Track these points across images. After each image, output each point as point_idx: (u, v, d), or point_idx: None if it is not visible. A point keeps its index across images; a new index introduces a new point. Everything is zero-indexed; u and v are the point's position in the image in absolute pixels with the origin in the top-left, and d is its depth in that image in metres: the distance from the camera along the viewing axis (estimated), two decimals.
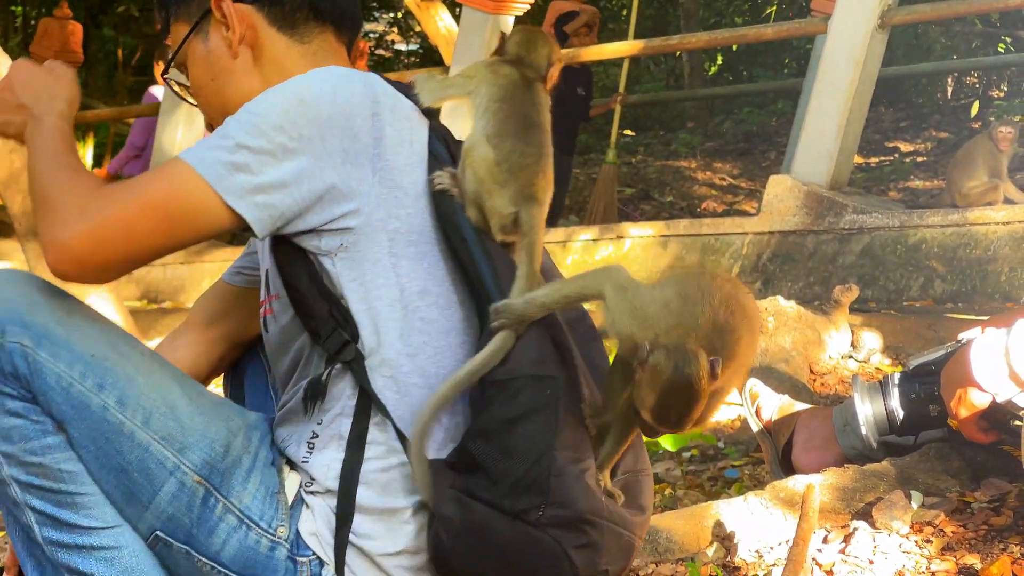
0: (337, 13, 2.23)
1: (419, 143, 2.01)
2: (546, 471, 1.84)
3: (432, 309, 1.97)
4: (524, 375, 1.87)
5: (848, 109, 6.84)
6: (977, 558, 2.56)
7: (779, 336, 4.44)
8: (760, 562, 2.75)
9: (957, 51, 14.62)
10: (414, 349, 1.96)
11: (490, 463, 1.86)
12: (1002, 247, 6.10)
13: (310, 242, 1.97)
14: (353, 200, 1.93)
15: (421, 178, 1.99)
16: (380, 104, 1.96)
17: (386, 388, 1.96)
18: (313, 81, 1.96)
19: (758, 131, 15.03)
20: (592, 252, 7.67)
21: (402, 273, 1.96)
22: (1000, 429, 2.91)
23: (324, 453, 1.99)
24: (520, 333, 1.89)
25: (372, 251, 1.95)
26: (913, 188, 10.90)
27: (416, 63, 19.10)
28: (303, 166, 1.90)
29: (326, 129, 1.91)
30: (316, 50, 2.20)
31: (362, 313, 1.96)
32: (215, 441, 2.00)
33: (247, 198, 1.90)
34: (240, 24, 2.16)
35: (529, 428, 1.85)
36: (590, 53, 8.94)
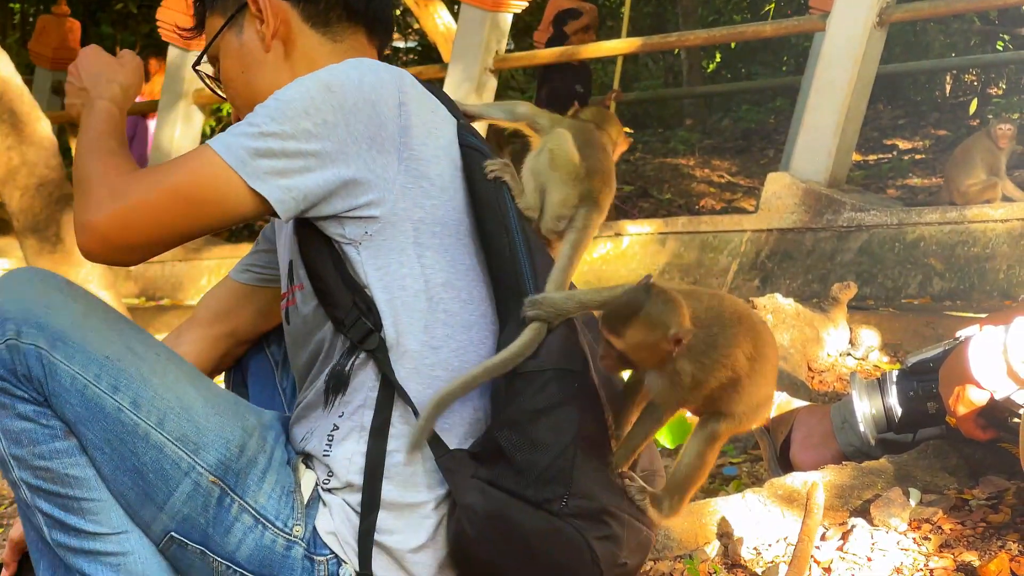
0: (371, 15, 2.25)
1: (446, 137, 2.02)
2: (570, 462, 1.86)
3: (455, 302, 1.98)
4: (552, 368, 1.89)
5: (846, 107, 6.84)
6: (975, 555, 2.56)
7: (777, 334, 4.44)
8: (759, 559, 2.75)
9: (955, 49, 14.63)
10: (438, 342, 1.97)
11: (516, 453, 1.87)
12: (1000, 245, 6.11)
13: (334, 230, 1.98)
14: (378, 188, 1.94)
15: (448, 171, 2.00)
16: (407, 95, 1.98)
17: (409, 379, 1.96)
18: (340, 69, 1.98)
19: (756, 129, 15.04)
20: (590, 249, 7.67)
21: (427, 264, 1.97)
22: (998, 426, 2.91)
23: (345, 445, 2.00)
24: (552, 327, 1.91)
25: (397, 240, 1.96)
26: (911, 186, 10.90)
27: (414, 60, 19.09)
28: (327, 150, 1.92)
29: (351, 116, 1.93)
30: (347, 49, 2.21)
31: (385, 303, 1.96)
32: (230, 441, 2.01)
33: (270, 181, 1.92)
34: (274, 18, 2.18)
35: (555, 420, 1.87)
36: (589, 51, 8.94)
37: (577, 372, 1.92)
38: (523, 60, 10.23)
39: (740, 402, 1.95)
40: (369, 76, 1.97)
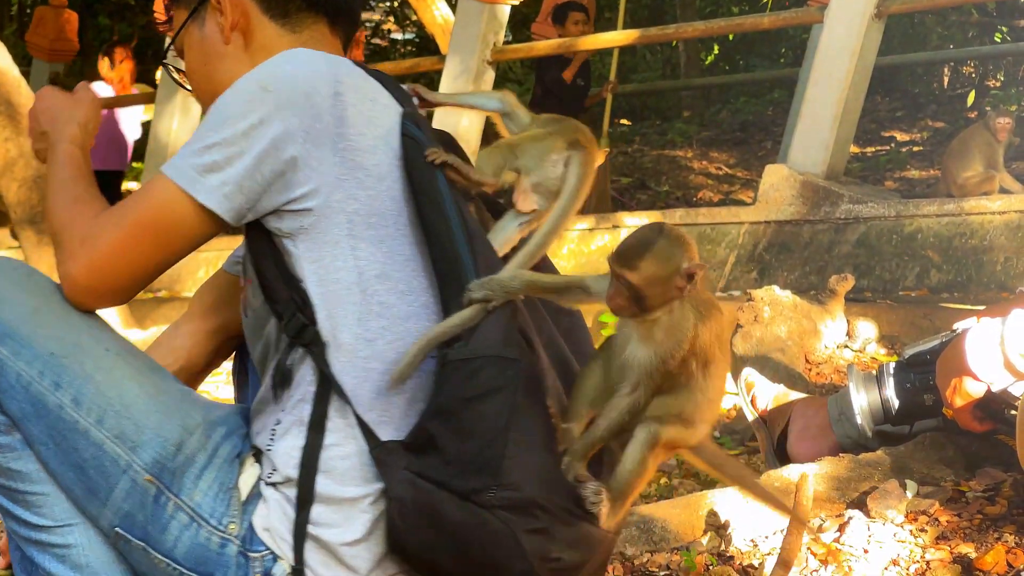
0: (333, 5, 2.22)
1: (385, 127, 1.99)
2: (499, 452, 1.82)
3: (391, 294, 1.95)
4: (485, 355, 1.85)
5: (844, 99, 6.84)
6: (972, 547, 2.56)
7: (775, 326, 4.44)
8: (755, 551, 2.76)
9: (953, 40, 14.62)
10: (373, 334, 1.94)
11: (445, 442, 1.84)
12: (998, 237, 6.11)
13: (273, 223, 1.97)
14: (312, 180, 1.92)
15: (386, 160, 1.97)
16: (343, 84, 1.96)
17: (344, 372, 1.93)
18: (275, 65, 1.97)
19: (754, 120, 15.03)
20: (588, 241, 7.67)
21: (361, 256, 1.94)
22: (995, 418, 2.91)
23: (286, 440, 1.97)
24: (490, 310, 1.87)
25: (331, 233, 1.94)
26: (909, 178, 10.91)
27: (412, 52, 19.08)
28: (264, 148, 1.91)
29: (287, 110, 1.91)
30: (307, 40, 2.19)
31: (318, 296, 1.94)
32: (167, 440, 2.00)
33: (215, 193, 1.92)
34: (233, 10, 2.16)
35: (485, 408, 1.83)
36: (586, 43, 8.93)
37: (512, 360, 1.86)
38: (521, 52, 10.22)
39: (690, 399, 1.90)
40: (303, 69, 1.96)
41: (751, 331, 4.43)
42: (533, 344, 1.93)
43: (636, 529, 2.83)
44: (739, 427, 4.49)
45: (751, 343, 4.38)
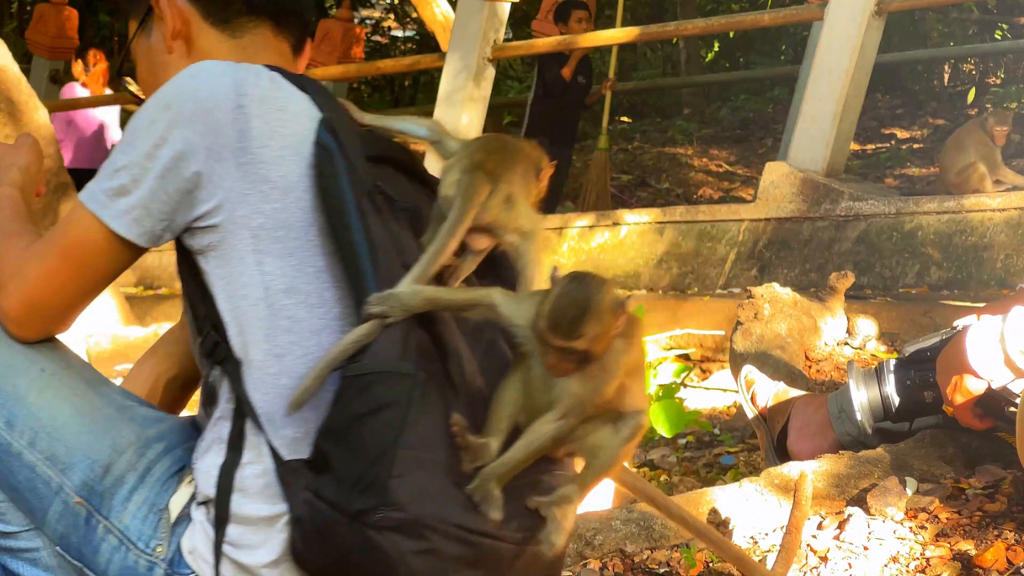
0: (277, 8, 2.18)
1: (296, 136, 1.94)
2: (387, 471, 1.75)
3: (300, 308, 1.90)
4: (376, 371, 1.79)
5: (844, 96, 6.83)
6: (971, 544, 2.56)
7: (775, 323, 4.44)
8: (755, 548, 2.76)
9: (954, 38, 14.62)
10: (281, 350, 1.90)
11: (336, 461, 1.79)
12: (998, 234, 6.11)
13: (187, 241, 1.95)
14: (216, 196, 1.90)
15: (295, 170, 1.92)
16: (246, 96, 1.92)
17: (256, 389, 1.90)
18: (178, 81, 1.95)
19: (754, 118, 15.04)
20: (588, 239, 7.67)
21: (267, 271, 1.90)
22: (995, 416, 2.91)
23: (207, 458, 1.94)
24: (387, 325, 1.81)
25: (237, 249, 1.91)
26: (909, 175, 10.91)
27: (412, 50, 19.09)
28: (166, 166, 1.90)
29: (187, 127, 1.89)
30: (247, 45, 2.16)
31: (228, 313, 1.92)
32: (96, 462, 1.99)
33: (125, 217, 1.92)
34: (173, 18, 2.14)
35: (375, 425, 1.77)
36: (587, 40, 8.93)
37: (407, 375, 1.79)
38: (521, 49, 10.22)
39: (637, 394, 1.86)
40: (204, 83, 1.93)
41: (751, 328, 4.43)
42: (440, 357, 1.86)
43: (636, 526, 2.83)
44: (739, 424, 4.49)
45: (751, 340, 4.38)
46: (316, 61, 10.70)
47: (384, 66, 11.91)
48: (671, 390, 4.45)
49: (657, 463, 4.28)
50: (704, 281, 7.01)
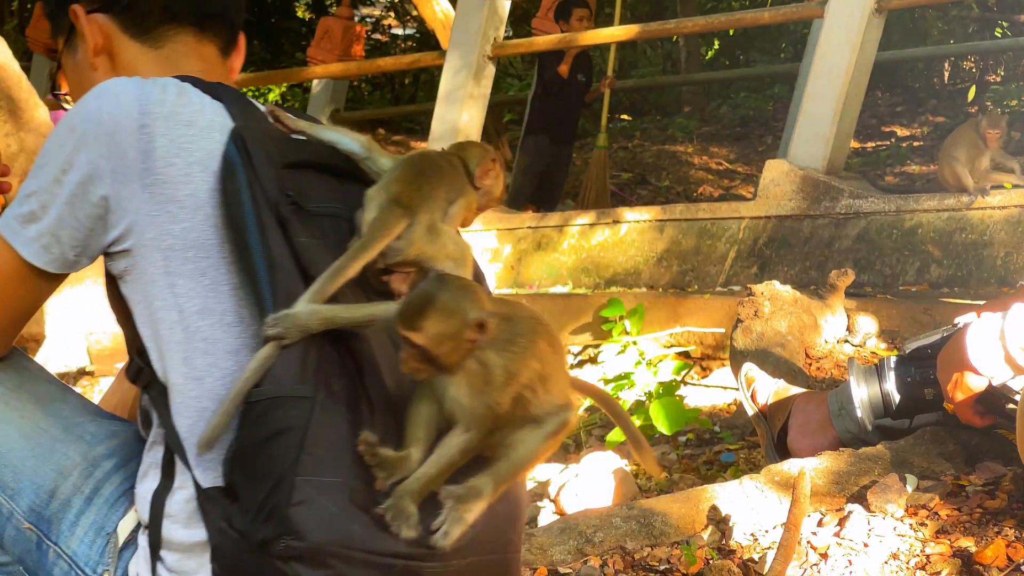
0: (196, 13, 2.14)
1: (204, 150, 1.90)
2: (285, 499, 1.70)
3: (216, 328, 1.86)
4: (270, 396, 1.75)
5: (844, 94, 6.83)
6: (972, 541, 2.57)
7: (775, 320, 4.44)
8: (755, 545, 2.76)
9: (954, 36, 14.61)
10: (200, 372, 1.86)
11: (240, 490, 1.76)
12: (998, 231, 6.11)
13: (108, 265, 1.93)
14: (125, 220, 1.87)
15: (203, 187, 1.88)
16: (150, 114, 1.88)
17: (179, 414, 1.87)
18: (84, 103, 1.91)
19: (755, 116, 15.03)
20: (589, 237, 7.67)
21: (180, 293, 1.86)
22: (995, 413, 2.91)
23: (144, 483, 1.92)
24: (284, 346, 1.77)
25: (149, 272, 1.87)
26: (909, 173, 10.91)
27: (413, 48, 19.07)
28: (73, 192, 1.87)
29: (93, 151, 1.87)
30: (169, 54, 2.13)
31: (148, 337, 1.89)
32: (40, 487, 1.98)
33: (34, 244, 1.89)
34: (93, 35, 2.11)
35: (271, 452, 1.73)
36: (587, 38, 8.93)
37: (300, 398, 1.75)
38: (521, 47, 10.22)
39: (553, 395, 1.81)
40: (107, 105, 1.88)
41: (751, 326, 4.43)
42: (356, 372, 1.82)
43: (636, 523, 2.83)
44: (739, 422, 4.49)
45: (751, 338, 4.38)
46: (316, 59, 10.68)
47: (384, 64, 11.89)
48: (671, 388, 4.46)
49: (658, 460, 4.29)
50: (704, 279, 7.01)
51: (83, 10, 2.11)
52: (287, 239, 1.85)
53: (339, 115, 11.12)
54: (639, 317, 5.96)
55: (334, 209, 1.94)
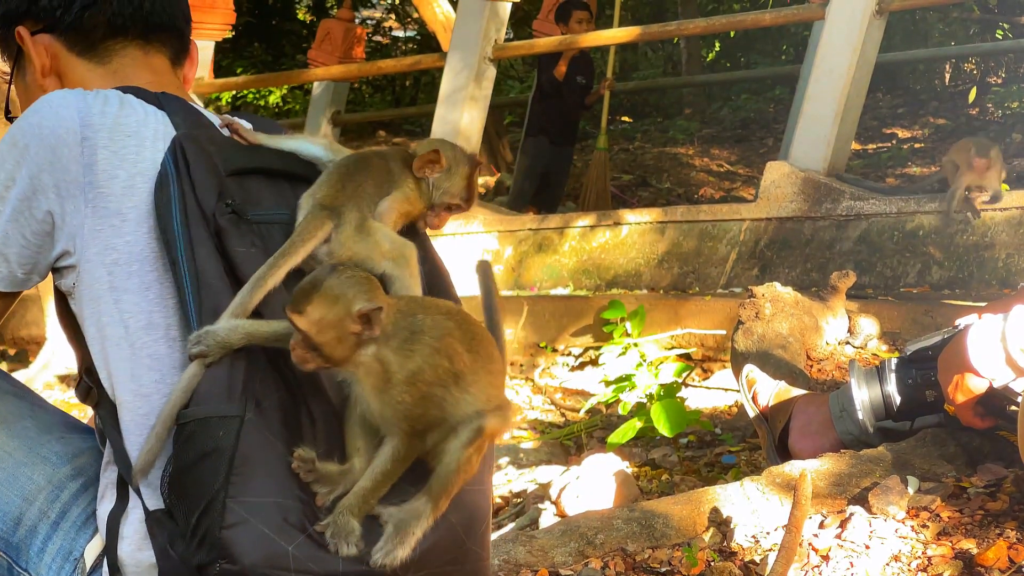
0: (141, 25, 2.12)
1: (147, 160, 1.87)
2: (217, 522, 1.68)
3: (161, 344, 1.84)
4: (196, 418, 1.73)
5: (845, 95, 6.83)
6: (973, 543, 2.56)
7: (776, 322, 4.44)
8: (756, 547, 2.76)
9: (955, 37, 14.61)
10: (147, 389, 1.83)
11: (175, 513, 1.74)
12: (999, 233, 6.11)
13: (58, 282, 1.91)
14: (68, 235, 1.85)
15: (146, 199, 1.86)
16: (92, 126, 1.86)
17: (130, 432, 1.84)
18: (24, 117, 1.89)
19: (755, 117, 15.04)
20: (590, 238, 7.67)
21: (124, 308, 1.84)
22: (996, 415, 2.91)
23: (103, 504, 1.90)
24: (209, 364, 1.75)
25: (94, 288, 1.85)
26: (910, 174, 10.91)
27: (414, 50, 19.07)
28: (17, 208, 1.85)
29: (35, 166, 1.84)
30: (116, 69, 2.11)
31: (97, 355, 1.87)
32: (6, 514, 1.96)
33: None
34: (39, 56, 2.09)
35: (198, 475, 1.70)
36: (588, 40, 8.93)
37: (226, 417, 1.71)
38: (522, 49, 10.22)
39: (470, 397, 1.77)
40: (48, 119, 1.86)
41: (752, 328, 4.43)
42: (294, 384, 1.80)
43: (637, 525, 2.83)
44: (740, 423, 4.49)
45: (752, 340, 4.38)
46: (317, 61, 10.70)
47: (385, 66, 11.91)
48: (672, 389, 4.45)
49: (659, 462, 4.28)
50: (705, 281, 7.01)
51: (27, 32, 2.09)
52: (223, 251, 1.82)
53: (340, 117, 11.13)
54: (640, 319, 5.96)
55: (280, 215, 1.91)
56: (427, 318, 1.77)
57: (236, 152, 1.94)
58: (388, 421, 1.75)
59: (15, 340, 8.39)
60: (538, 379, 6.20)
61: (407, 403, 1.73)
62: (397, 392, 1.73)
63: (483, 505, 1.93)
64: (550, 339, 6.63)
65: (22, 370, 7.33)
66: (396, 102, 18.68)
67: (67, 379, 7.08)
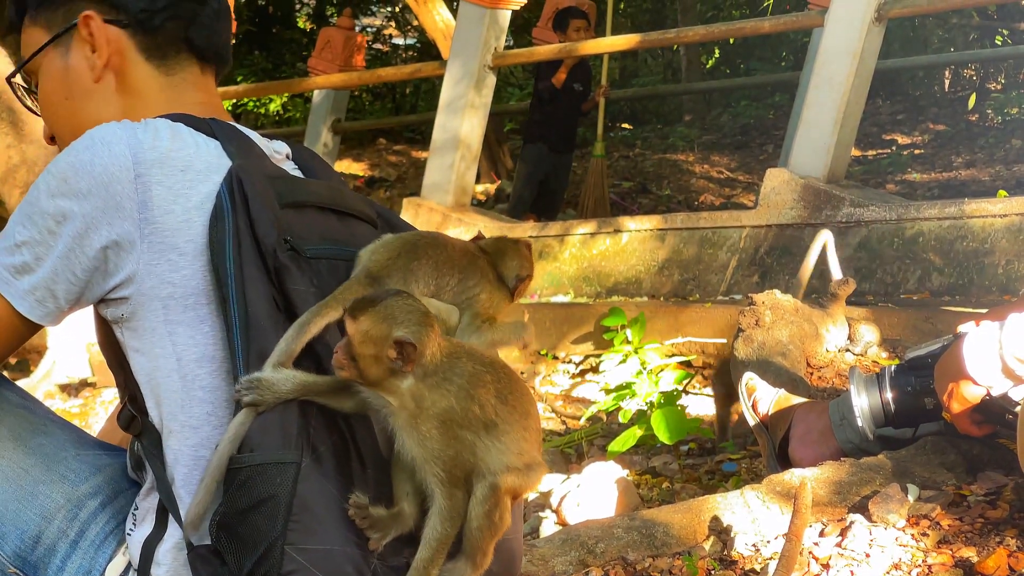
0: (212, 51, 2.14)
1: (202, 194, 1.86)
2: (275, 568, 1.69)
3: (214, 377, 1.83)
4: (251, 464, 1.73)
5: (845, 102, 6.84)
6: (973, 551, 2.56)
7: (776, 330, 4.44)
8: (757, 556, 2.76)
9: (954, 44, 14.63)
10: (197, 421, 1.83)
11: (227, 555, 1.74)
12: (999, 240, 6.11)
13: (102, 311, 1.90)
14: (124, 270, 1.84)
15: (204, 232, 1.85)
16: (144, 163, 1.84)
17: (177, 463, 1.84)
18: (75, 152, 1.86)
19: (755, 124, 15.05)
20: (590, 246, 7.68)
21: (178, 342, 1.84)
22: (995, 422, 2.91)
23: (141, 528, 1.90)
24: (261, 411, 1.75)
25: (148, 320, 1.84)
26: (910, 181, 10.91)
27: (414, 58, 19.09)
28: (70, 247, 1.84)
29: (87, 203, 1.83)
30: (178, 83, 2.10)
31: (145, 385, 1.87)
32: (24, 532, 1.96)
33: (28, 298, 1.85)
34: (107, 48, 2.06)
35: (256, 521, 1.71)
36: (587, 48, 8.95)
37: (285, 464, 1.72)
38: (522, 57, 10.24)
39: (506, 451, 1.78)
40: (101, 156, 1.84)
41: (752, 335, 4.43)
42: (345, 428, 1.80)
43: (638, 534, 2.83)
44: (741, 431, 4.49)
45: (752, 347, 4.38)
46: (317, 69, 10.70)
47: (385, 74, 11.91)
48: (673, 397, 4.45)
49: (659, 470, 4.28)
50: (705, 288, 7.02)
51: (100, 19, 2.06)
52: (282, 289, 1.82)
53: (340, 125, 11.14)
54: (640, 326, 5.96)
55: (331, 251, 1.92)
56: (469, 364, 1.79)
57: (289, 185, 1.94)
58: (422, 462, 1.76)
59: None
60: (539, 387, 6.20)
61: (436, 440, 1.75)
62: (426, 428, 1.75)
63: (518, 551, 1.97)
64: (551, 346, 6.63)
65: (23, 379, 7.34)
66: (396, 110, 18.70)
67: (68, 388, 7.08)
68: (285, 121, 17.51)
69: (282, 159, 2.07)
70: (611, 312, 6.15)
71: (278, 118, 17.68)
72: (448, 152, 8.77)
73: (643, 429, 4.25)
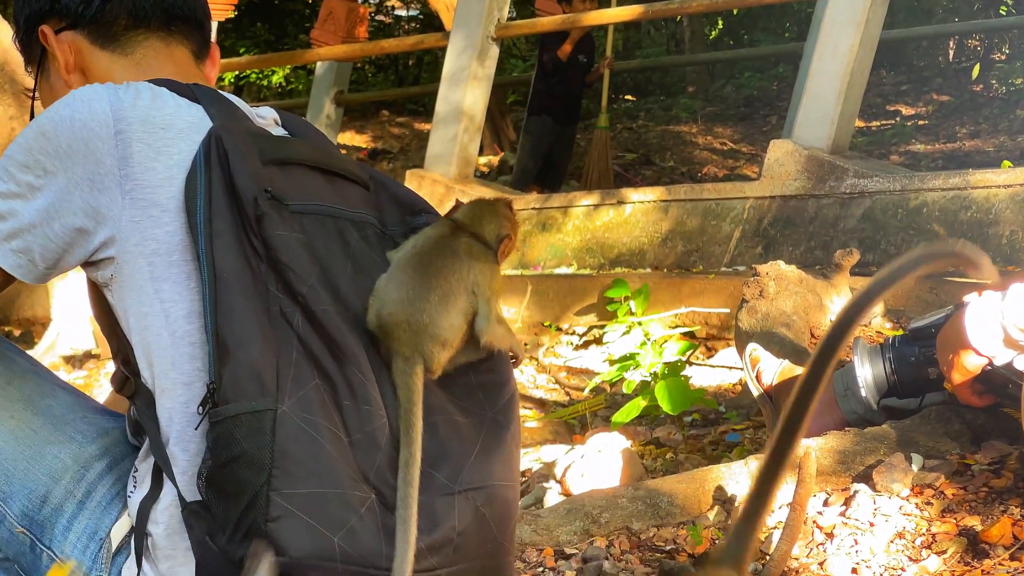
0: (162, 15, 2.12)
1: (183, 152, 1.86)
2: (262, 516, 1.68)
3: (202, 331, 1.81)
4: (226, 416, 1.71)
5: (849, 73, 6.82)
6: (977, 520, 2.57)
7: (780, 300, 4.44)
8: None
9: (959, 13, 14.57)
10: (189, 377, 1.82)
11: (214, 508, 1.74)
12: (1003, 210, 6.10)
13: (92, 273, 1.90)
14: (106, 228, 1.84)
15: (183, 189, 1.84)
16: (125, 119, 1.84)
17: (171, 422, 1.83)
18: (55, 109, 1.87)
19: (759, 95, 15.01)
20: (593, 217, 7.67)
21: (165, 298, 1.83)
22: (997, 392, 2.91)
23: (140, 490, 1.89)
24: None
25: (135, 279, 1.84)
26: (914, 151, 10.89)
27: (416, 29, 19.04)
28: (51, 202, 1.83)
29: (67, 159, 1.83)
30: (140, 60, 2.10)
31: (137, 345, 1.86)
32: (32, 492, 1.96)
33: (2, 246, 1.85)
34: (63, 52, 2.09)
35: (238, 470, 1.70)
36: (591, 19, 8.91)
37: (265, 411, 1.71)
38: (525, 28, 10.20)
39: None
40: (81, 111, 1.84)
41: (756, 306, 4.43)
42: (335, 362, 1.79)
43: (642, 504, 2.84)
44: (744, 402, 4.50)
45: (756, 318, 4.38)
46: (320, 41, 10.68)
47: (388, 46, 11.87)
48: (676, 368, 4.46)
49: (663, 440, 4.29)
50: (709, 259, 7.01)
51: (51, 30, 2.10)
52: (262, 236, 1.80)
53: (343, 97, 11.11)
54: (644, 298, 5.96)
55: (319, 208, 1.91)
56: None
57: (273, 143, 1.94)
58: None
59: (20, 321, 8.41)
60: (542, 358, 6.21)
61: None
62: None
63: (513, 502, 1.94)
64: (554, 318, 6.64)
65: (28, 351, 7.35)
66: (399, 81, 18.66)
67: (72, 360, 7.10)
68: (288, 93, 17.48)
69: (268, 123, 2.07)
70: (614, 283, 6.15)
71: (280, 90, 17.65)
72: (451, 124, 8.75)
73: (647, 400, 4.26)
